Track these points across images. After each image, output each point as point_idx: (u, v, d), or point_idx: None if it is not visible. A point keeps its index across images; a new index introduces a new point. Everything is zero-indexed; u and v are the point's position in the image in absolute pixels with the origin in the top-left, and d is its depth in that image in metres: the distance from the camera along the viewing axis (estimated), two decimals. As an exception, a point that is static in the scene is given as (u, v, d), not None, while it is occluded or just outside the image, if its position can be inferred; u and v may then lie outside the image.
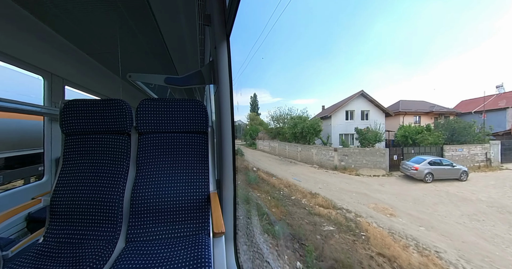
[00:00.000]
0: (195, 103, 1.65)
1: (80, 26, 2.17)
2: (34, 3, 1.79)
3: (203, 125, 1.65)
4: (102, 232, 1.40)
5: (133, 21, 2.17)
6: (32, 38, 2.09)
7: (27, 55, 2.16)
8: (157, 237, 1.41)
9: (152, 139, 1.61)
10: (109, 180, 1.50)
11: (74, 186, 1.49)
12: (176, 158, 1.61)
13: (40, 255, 1.26)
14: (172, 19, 2.18)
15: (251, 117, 42.51)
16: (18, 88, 3.10)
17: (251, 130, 31.82)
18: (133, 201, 1.45)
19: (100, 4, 1.89)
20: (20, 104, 2.09)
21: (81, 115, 1.59)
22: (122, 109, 1.59)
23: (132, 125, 1.62)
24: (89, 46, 2.56)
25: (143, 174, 1.53)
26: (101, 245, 1.30)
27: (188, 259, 1.15)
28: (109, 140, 1.58)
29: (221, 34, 1.45)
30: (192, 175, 1.55)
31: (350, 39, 38.76)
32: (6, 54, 1.99)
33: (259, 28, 28.31)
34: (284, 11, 14.43)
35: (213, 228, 1.09)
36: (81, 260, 1.18)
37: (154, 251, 1.27)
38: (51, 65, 2.44)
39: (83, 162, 1.56)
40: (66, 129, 1.58)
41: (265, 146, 23.44)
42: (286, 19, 41.23)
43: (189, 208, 1.47)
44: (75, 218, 1.44)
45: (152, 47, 2.78)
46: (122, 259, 1.18)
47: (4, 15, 1.78)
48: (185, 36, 2.54)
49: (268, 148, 22.22)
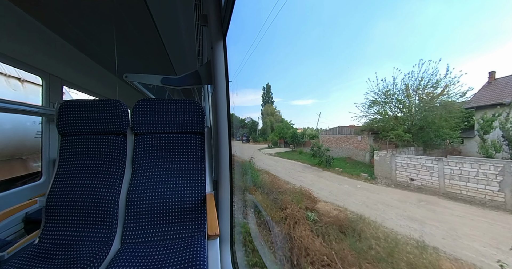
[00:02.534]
0: (192, 104, 1.64)
1: (78, 26, 2.16)
2: (32, 4, 1.78)
3: (200, 125, 1.64)
4: (97, 233, 1.39)
5: (131, 21, 2.17)
6: (31, 39, 2.09)
7: (26, 56, 2.16)
8: (152, 238, 1.40)
9: (148, 140, 1.60)
10: (105, 181, 1.49)
11: (70, 187, 1.48)
12: (172, 159, 1.60)
13: (35, 257, 1.25)
14: (170, 19, 2.18)
15: (269, 111, 36.09)
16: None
17: (282, 131, 24.78)
18: (128, 202, 1.44)
19: (98, 4, 1.89)
20: (18, 105, 2.09)
21: (77, 116, 1.58)
22: (118, 109, 1.58)
23: (128, 125, 1.62)
24: (87, 46, 2.56)
25: (139, 175, 1.52)
26: (96, 247, 1.29)
27: (183, 262, 1.13)
28: (105, 141, 1.57)
29: (218, 34, 1.44)
30: (188, 176, 1.54)
31: (350, 40, 38.80)
32: (5, 55, 1.99)
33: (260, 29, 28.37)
34: (284, 12, 14.22)
35: (208, 230, 1.08)
36: (76, 261, 1.17)
37: (149, 253, 1.26)
38: (49, 66, 2.43)
39: (79, 163, 1.55)
40: (62, 129, 1.58)
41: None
42: (286, 21, 41.37)
43: (185, 209, 1.46)
44: (70, 219, 1.43)
45: (150, 47, 2.77)
46: (116, 261, 1.17)
47: (2, 16, 1.77)
48: (183, 37, 2.53)
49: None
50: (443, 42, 27.24)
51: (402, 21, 31.19)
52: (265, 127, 34.55)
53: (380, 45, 33.74)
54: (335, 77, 43.17)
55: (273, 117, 35.32)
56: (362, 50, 38.54)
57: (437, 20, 25.18)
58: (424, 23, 26.96)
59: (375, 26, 37.39)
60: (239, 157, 12.70)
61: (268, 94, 41.47)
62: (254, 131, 36.44)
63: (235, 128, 35.23)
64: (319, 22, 43.33)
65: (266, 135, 32.33)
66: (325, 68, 43.50)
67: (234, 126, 35.30)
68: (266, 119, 35.59)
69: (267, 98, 41.42)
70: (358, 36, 39.51)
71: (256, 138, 34.12)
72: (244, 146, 29.78)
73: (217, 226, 1.09)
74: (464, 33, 27.67)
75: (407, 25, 30.99)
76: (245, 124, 39.48)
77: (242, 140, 34.69)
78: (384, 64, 35.68)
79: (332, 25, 42.82)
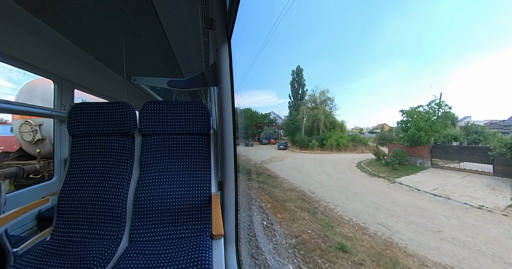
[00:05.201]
0: (197, 105, 1.67)
1: (89, 31, 2.24)
2: (46, 11, 1.87)
3: (205, 127, 1.67)
4: (106, 231, 1.43)
5: (139, 25, 2.23)
6: (44, 45, 2.19)
7: (39, 60, 2.26)
8: (159, 237, 1.43)
9: (155, 141, 1.64)
10: (114, 181, 1.53)
11: (80, 186, 1.53)
12: (178, 159, 1.63)
13: (47, 253, 1.30)
14: (176, 23, 2.23)
15: (313, 99, 26.23)
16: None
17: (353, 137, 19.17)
18: (136, 201, 1.48)
19: (108, 10, 1.96)
20: (31, 107, 2.17)
21: (87, 118, 1.63)
22: (126, 111, 1.62)
23: (136, 127, 1.66)
24: (97, 50, 2.64)
25: (147, 175, 1.55)
26: (105, 244, 1.33)
27: (188, 261, 1.15)
28: (114, 142, 1.62)
29: (223, 36, 1.47)
30: (194, 177, 1.57)
31: (358, 39, 38.15)
32: (20, 60, 2.08)
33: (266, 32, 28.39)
34: (290, 14, 14.05)
35: (212, 230, 1.09)
36: (86, 258, 1.21)
37: (156, 252, 1.28)
38: (61, 70, 2.53)
39: (88, 163, 1.61)
40: (72, 131, 1.63)
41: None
42: (292, 21, 41.30)
43: (190, 209, 1.48)
44: (81, 217, 1.48)
45: (158, 50, 2.84)
46: (125, 258, 1.20)
47: (19, 25, 1.87)
48: (190, 40, 2.58)
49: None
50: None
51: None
52: (311, 125, 24.25)
53: (389, 44, 33.01)
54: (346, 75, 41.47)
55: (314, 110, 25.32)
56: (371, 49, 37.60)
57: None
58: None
59: (384, 25, 36.70)
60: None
61: (299, 81, 30.57)
62: (294, 131, 25.41)
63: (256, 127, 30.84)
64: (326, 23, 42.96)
65: (312, 136, 22.88)
66: (335, 67, 42.16)
67: (249, 126, 30.65)
68: (313, 113, 25.02)
69: (297, 85, 30.60)
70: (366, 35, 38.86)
71: (302, 140, 22.68)
72: (280, 152, 21.86)
73: (221, 226, 1.10)
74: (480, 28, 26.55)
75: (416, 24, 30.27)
76: (270, 121, 32.67)
77: (261, 141, 28.39)
78: (391, 63, 34.91)
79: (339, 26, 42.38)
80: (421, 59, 32.18)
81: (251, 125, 31.08)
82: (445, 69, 29.04)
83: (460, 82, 29.07)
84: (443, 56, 29.25)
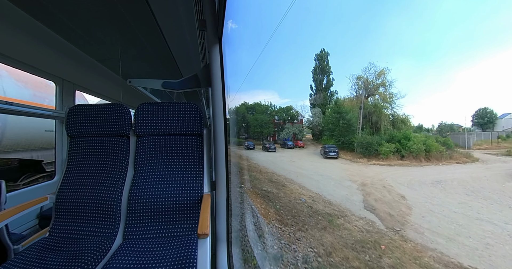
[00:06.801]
0: (190, 106, 1.70)
1: (89, 34, 2.30)
2: (47, 14, 1.92)
3: (198, 127, 1.69)
4: (101, 228, 1.47)
5: (137, 28, 2.27)
6: (46, 47, 2.25)
7: (41, 62, 2.32)
8: (151, 235, 1.46)
9: (150, 142, 1.67)
10: (109, 180, 1.57)
11: (77, 185, 1.58)
12: (172, 159, 1.66)
13: (44, 249, 1.35)
14: (174, 25, 2.26)
15: (366, 84, 16.67)
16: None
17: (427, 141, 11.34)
18: (130, 200, 1.52)
19: (107, 13, 2.00)
20: (33, 108, 2.24)
21: (84, 119, 1.68)
22: (121, 113, 1.66)
23: (131, 128, 1.70)
24: (97, 52, 2.70)
25: (141, 175, 1.59)
26: (100, 241, 1.37)
27: (176, 259, 1.18)
28: (110, 142, 1.66)
29: (214, 37, 1.49)
30: (186, 177, 1.59)
31: (359, 38, 37.72)
32: (22, 62, 2.15)
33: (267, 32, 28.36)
34: (291, 14, 13.77)
35: (198, 229, 1.11)
36: (81, 254, 1.25)
37: (148, 249, 1.31)
38: (62, 72, 2.59)
39: (85, 163, 1.65)
40: (70, 132, 1.68)
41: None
42: (293, 21, 41.14)
43: (182, 209, 1.50)
44: (77, 215, 1.52)
45: (156, 52, 2.88)
46: (118, 255, 1.24)
47: (21, 28, 1.93)
48: (187, 41, 2.61)
49: None
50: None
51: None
52: (367, 120, 16.92)
53: (391, 43, 32.53)
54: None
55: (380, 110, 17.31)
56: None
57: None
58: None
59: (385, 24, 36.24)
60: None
61: (324, 68, 24.86)
62: (344, 130, 17.24)
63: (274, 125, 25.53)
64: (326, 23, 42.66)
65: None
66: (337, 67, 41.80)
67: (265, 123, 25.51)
68: (369, 104, 17.82)
69: (320, 73, 25.16)
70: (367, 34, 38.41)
71: (369, 144, 14.35)
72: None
73: (207, 225, 1.12)
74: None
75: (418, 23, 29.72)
76: (292, 117, 26.90)
77: (284, 144, 22.48)
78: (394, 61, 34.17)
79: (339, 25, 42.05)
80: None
81: (267, 122, 26.59)
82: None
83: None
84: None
